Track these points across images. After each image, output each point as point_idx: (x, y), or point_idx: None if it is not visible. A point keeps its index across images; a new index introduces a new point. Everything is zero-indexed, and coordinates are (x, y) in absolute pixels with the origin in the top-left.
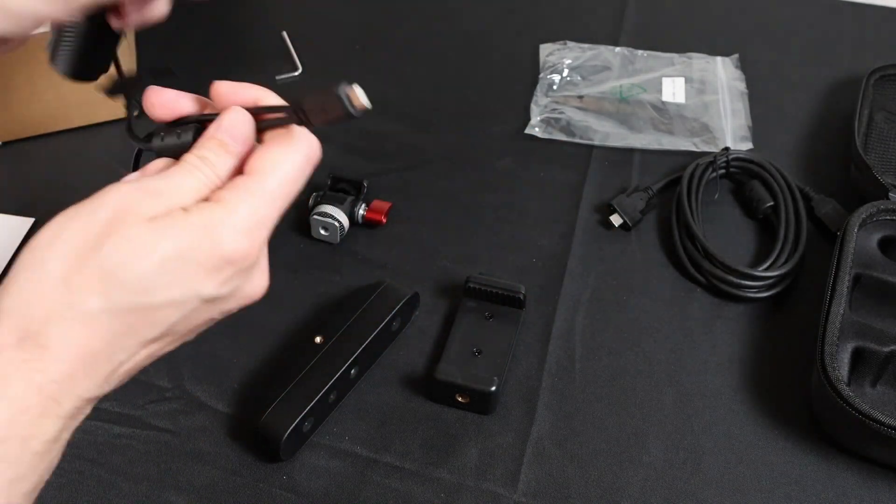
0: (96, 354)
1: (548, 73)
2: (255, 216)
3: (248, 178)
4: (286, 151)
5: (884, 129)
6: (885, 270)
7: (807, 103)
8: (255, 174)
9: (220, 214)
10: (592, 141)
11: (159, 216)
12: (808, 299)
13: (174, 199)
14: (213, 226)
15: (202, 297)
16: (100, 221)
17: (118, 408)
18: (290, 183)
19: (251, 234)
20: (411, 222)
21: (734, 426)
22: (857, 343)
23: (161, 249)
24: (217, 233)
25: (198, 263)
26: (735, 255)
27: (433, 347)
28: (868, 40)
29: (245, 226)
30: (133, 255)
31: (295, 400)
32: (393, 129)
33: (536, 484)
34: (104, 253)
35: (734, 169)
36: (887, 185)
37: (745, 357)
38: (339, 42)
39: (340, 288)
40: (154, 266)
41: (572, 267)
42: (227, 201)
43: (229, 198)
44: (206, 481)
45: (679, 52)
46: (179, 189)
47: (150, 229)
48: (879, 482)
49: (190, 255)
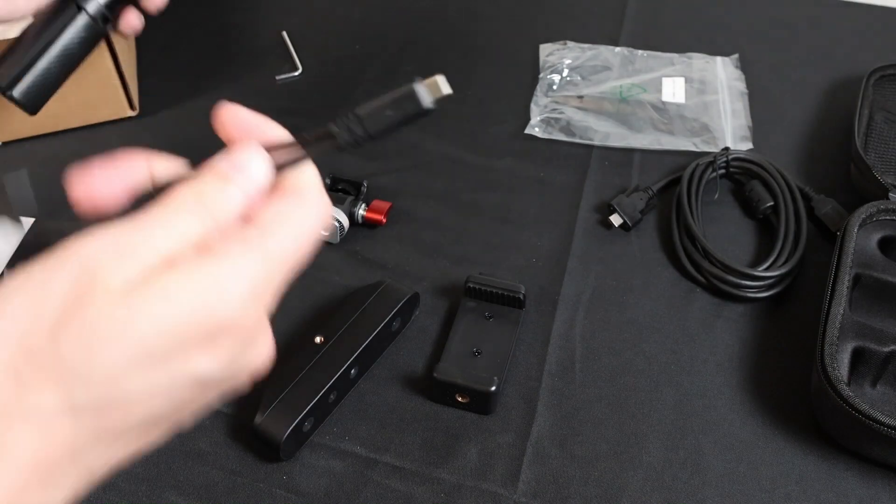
0: (56, 462)
1: (548, 73)
2: (261, 275)
3: (255, 230)
4: (302, 203)
5: (884, 129)
6: (885, 270)
7: (807, 103)
8: (265, 226)
9: (217, 271)
10: (592, 141)
11: (135, 283)
12: (808, 299)
13: (156, 253)
14: (209, 286)
15: (194, 377)
16: (56, 295)
17: None
18: (306, 241)
19: (255, 298)
20: (411, 222)
21: (734, 426)
22: (857, 343)
23: (136, 331)
24: (212, 295)
25: (186, 338)
26: (735, 255)
27: (433, 347)
28: (868, 40)
29: (248, 287)
30: (98, 342)
31: (295, 400)
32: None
33: (536, 484)
34: (61, 340)
35: (734, 169)
36: (887, 185)
37: (745, 357)
38: (339, 42)
39: (340, 288)
40: (127, 353)
41: (572, 267)
42: (226, 255)
43: (230, 251)
44: (205, 481)
45: (679, 52)
46: (166, 238)
47: (120, 306)
48: (879, 482)
49: (176, 330)
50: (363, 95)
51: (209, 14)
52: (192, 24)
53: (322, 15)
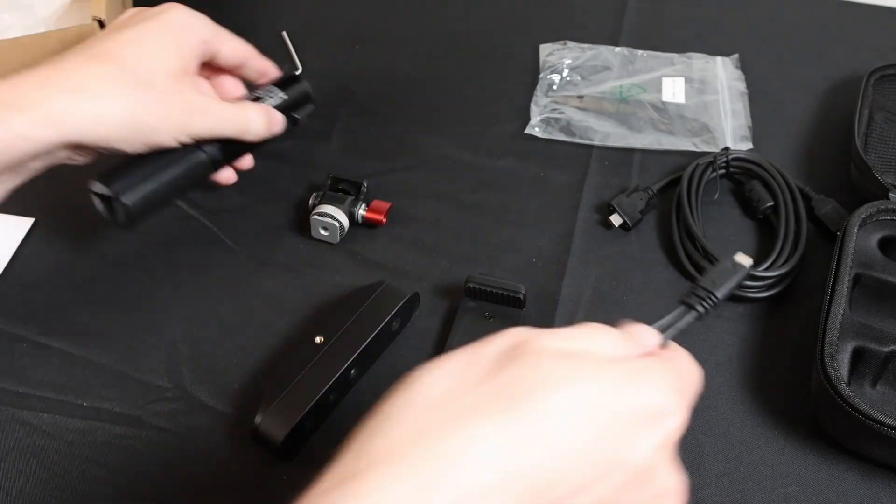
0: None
1: (548, 73)
2: (681, 379)
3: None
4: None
5: (884, 129)
6: (885, 270)
7: (807, 103)
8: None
9: (645, 362)
10: (592, 141)
11: (569, 353)
12: (808, 299)
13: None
14: (638, 371)
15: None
16: (495, 351)
17: (118, 408)
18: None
19: (679, 391)
20: (411, 222)
21: (734, 426)
22: (857, 343)
23: (577, 386)
24: (642, 378)
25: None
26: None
27: (433, 347)
28: (868, 40)
29: (672, 380)
30: (542, 382)
31: (295, 400)
32: (393, 129)
33: None
34: (505, 371)
35: (734, 169)
36: (887, 185)
37: (745, 357)
38: (339, 42)
39: (340, 288)
40: (567, 402)
41: (572, 267)
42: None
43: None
44: (205, 481)
45: (679, 52)
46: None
47: (562, 362)
48: (879, 482)
49: (612, 404)
50: (364, 95)
51: (209, 14)
52: None
53: (322, 15)
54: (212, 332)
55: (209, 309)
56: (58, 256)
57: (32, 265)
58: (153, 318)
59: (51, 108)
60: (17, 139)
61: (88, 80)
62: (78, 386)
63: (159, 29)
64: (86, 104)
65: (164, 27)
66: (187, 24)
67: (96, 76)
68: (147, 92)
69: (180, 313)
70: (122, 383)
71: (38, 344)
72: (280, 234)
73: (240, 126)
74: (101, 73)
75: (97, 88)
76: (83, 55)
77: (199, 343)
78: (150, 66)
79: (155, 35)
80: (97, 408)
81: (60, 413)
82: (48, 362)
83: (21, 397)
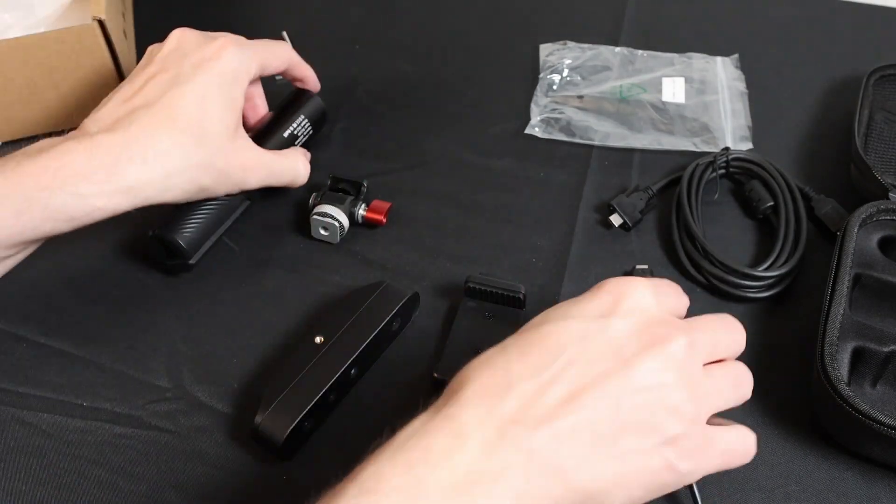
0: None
1: (548, 73)
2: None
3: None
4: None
5: (884, 129)
6: (885, 270)
7: (807, 103)
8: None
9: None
10: (592, 141)
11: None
12: (808, 299)
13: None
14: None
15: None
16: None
17: (118, 408)
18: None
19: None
20: (411, 222)
21: None
22: (857, 343)
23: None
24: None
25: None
26: (735, 255)
27: (433, 347)
28: (868, 40)
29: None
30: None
31: (295, 400)
32: (393, 129)
33: None
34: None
35: (734, 169)
36: (887, 185)
37: (745, 357)
38: (339, 42)
39: (340, 288)
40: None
41: (572, 267)
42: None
43: None
44: (206, 481)
45: (679, 52)
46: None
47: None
48: (879, 482)
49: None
50: (364, 95)
51: (209, 14)
52: (192, 23)
53: (322, 15)
54: (212, 331)
55: (209, 309)
56: (58, 257)
57: (32, 265)
58: (153, 318)
59: (126, 179)
60: (93, 210)
61: (158, 150)
62: (78, 386)
63: (218, 83)
64: (156, 175)
65: (222, 79)
66: (240, 67)
67: (165, 145)
68: (211, 157)
69: (180, 313)
70: (122, 383)
71: (38, 344)
72: (280, 234)
73: (291, 178)
74: (170, 143)
75: (166, 159)
76: (153, 117)
77: (199, 343)
78: (213, 129)
79: (214, 91)
80: (97, 408)
81: (60, 413)
82: (48, 362)
83: (21, 397)
